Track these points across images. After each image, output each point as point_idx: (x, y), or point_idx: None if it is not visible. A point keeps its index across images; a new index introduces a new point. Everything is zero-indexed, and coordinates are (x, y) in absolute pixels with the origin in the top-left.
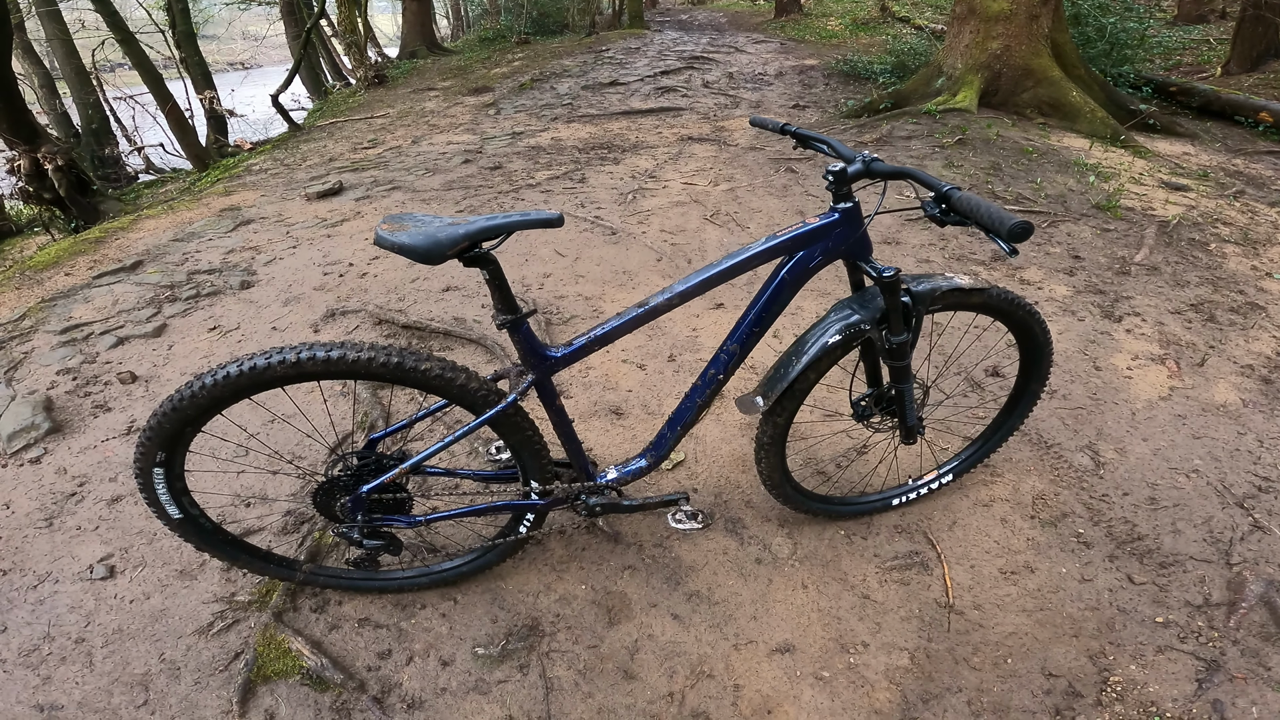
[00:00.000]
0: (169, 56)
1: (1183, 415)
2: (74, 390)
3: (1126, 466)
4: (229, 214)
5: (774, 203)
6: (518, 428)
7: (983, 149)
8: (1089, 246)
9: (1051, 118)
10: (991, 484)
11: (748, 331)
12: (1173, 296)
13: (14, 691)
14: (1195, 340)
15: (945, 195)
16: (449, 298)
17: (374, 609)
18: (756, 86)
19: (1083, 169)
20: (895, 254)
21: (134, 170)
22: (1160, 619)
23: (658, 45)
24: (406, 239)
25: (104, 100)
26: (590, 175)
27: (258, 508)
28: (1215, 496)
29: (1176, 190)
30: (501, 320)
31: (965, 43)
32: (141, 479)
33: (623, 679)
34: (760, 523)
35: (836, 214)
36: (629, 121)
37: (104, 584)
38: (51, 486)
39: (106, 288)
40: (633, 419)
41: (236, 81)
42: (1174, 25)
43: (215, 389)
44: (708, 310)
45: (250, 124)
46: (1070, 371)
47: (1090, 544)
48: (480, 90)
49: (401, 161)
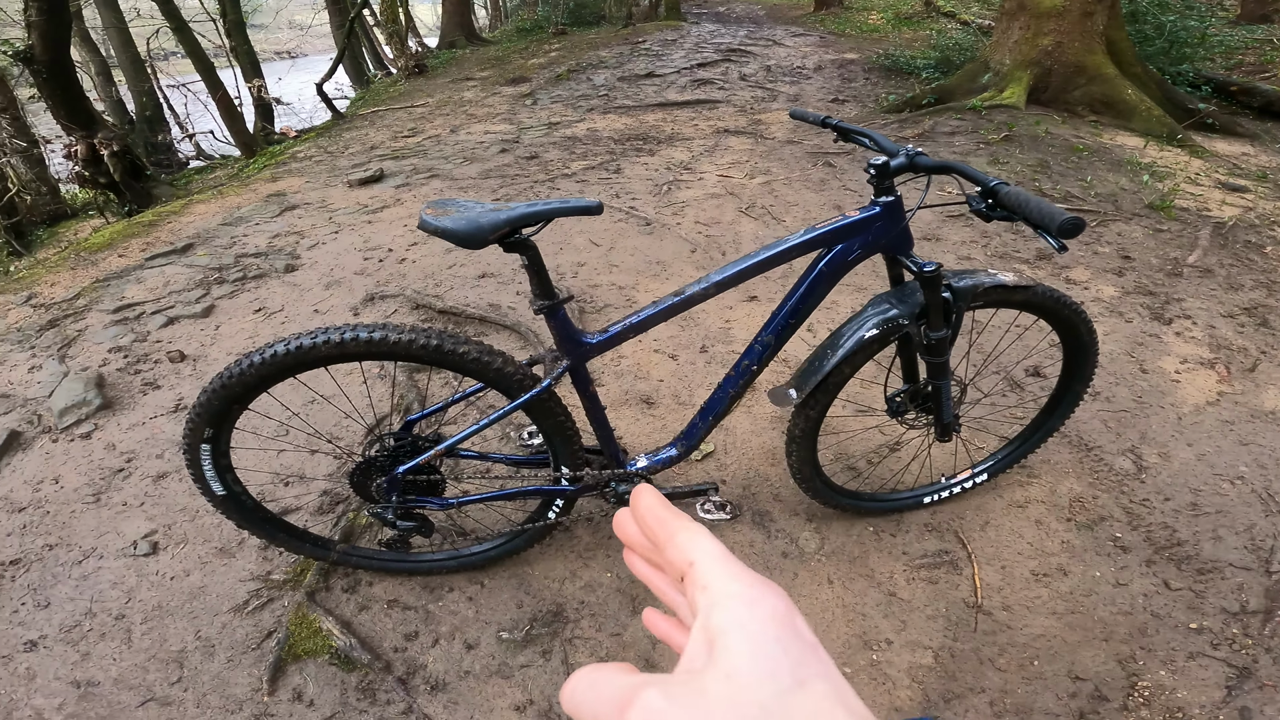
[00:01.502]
0: (219, 45)
1: (1230, 421)
2: (125, 368)
3: (1169, 471)
4: (275, 199)
5: (811, 196)
6: (551, 413)
7: (1030, 146)
8: (1140, 247)
9: (1104, 116)
10: (1027, 485)
11: (783, 323)
12: (1225, 300)
13: (52, 668)
14: (1247, 345)
15: (993, 190)
16: (485, 284)
17: (403, 590)
18: (794, 80)
19: (1136, 168)
20: (935, 250)
21: (185, 156)
22: (1194, 625)
23: (694, 37)
24: (449, 223)
25: (158, 88)
26: (625, 166)
27: (296, 486)
28: (1259, 504)
29: (1234, 191)
30: (539, 306)
31: (1014, 39)
32: (189, 455)
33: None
34: (788, 516)
35: (878, 207)
36: (665, 113)
37: (146, 560)
38: (100, 462)
39: (158, 269)
40: (663, 408)
41: (283, 70)
42: (1236, 24)
43: (263, 367)
44: (741, 302)
45: (295, 112)
46: (1115, 373)
47: (1128, 548)
48: (517, 81)
49: (440, 150)
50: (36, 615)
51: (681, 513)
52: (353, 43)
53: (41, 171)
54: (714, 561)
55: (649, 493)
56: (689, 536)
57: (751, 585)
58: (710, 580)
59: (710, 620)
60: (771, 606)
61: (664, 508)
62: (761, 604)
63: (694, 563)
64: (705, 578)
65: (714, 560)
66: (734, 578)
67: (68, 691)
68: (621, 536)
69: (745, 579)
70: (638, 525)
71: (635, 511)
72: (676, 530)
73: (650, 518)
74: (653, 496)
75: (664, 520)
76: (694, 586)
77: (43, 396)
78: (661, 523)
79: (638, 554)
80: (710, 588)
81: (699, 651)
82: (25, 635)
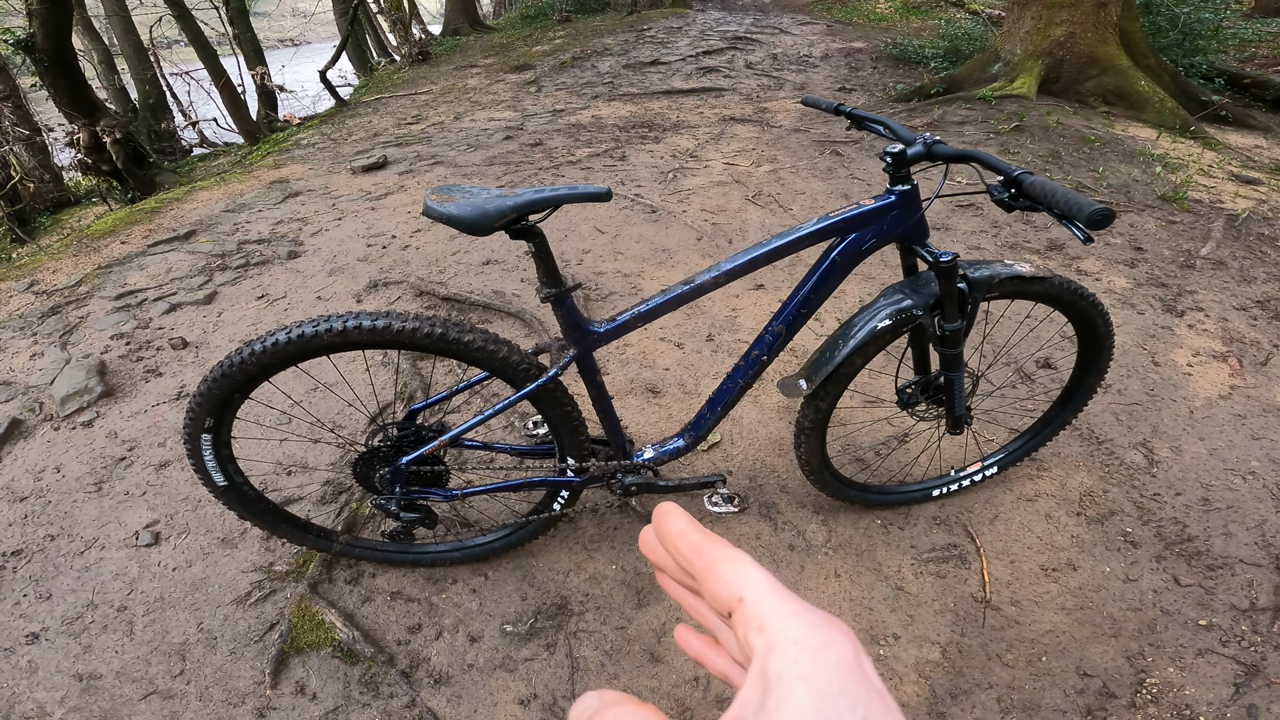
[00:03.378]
0: (222, 33)
1: (1243, 415)
2: (126, 355)
3: (1181, 466)
4: (278, 186)
5: (818, 185)
6: (557, 403)
7: (1041, 136)
8: (1152, 238)
9: (1116, 107)
10: (1037, 479)
11: (794, 313)
12: (1239, 292)
13: (55, 660)
14: (1260, 338)
15: (1016, 180)
16: (489, 271)
17: (406, 582)
18: (801, 68)
19: (1149, 159)
20: (945, 240)
21: (188, 144)
22: (1204, 622)
23: (700, 25)
24: (455, 210)
25: (160, 76)
26: (631, 154)
27: (298, 476)
28: (1270, 500)
29: (1247, 183)
30: (546, 294)
31: (1026, 28)
32: (190, 445)
33: (649, 662)
34: (795, 509)
35: (894, 196)
36: (670, 101)
37: (148, 551)
38: (102, 450)
39: (160, 256)
40: (669, 398)
41: (286, 58)
42: (1251, 17)
43: (264, 356)
44: (748, 291)
45: (299, 99)
46: (1127, 366)
47: (1138, 544)
48: (522, 68)
49: (444, 137)
50: (38, 607)
51: (718, 538)
52: (356, 30)
53: (44, 159)
54: (768, 597)
55: (677, 515)
56: (734, 568)
57: (815, 627)
58: (767, 619)
59: (768, 666)
60: (839, 653)
61: (697, 532)
62: (828, 651)
63: (744, 599)
64: (760, 616)
65: (768, 595)
66: (795, 617)
67: (70, 685)
68: (650, 557)
69: (807, 619)
70: (668, 552)
71: (664, 537)
72: (717, 560)
73: (684, 545)
74: (682, 520)
75: (700, 548)
76: (746, 625)
77: (44, 384)
78: (698, 551)
79: (669, 576)
80: (767, 628)
81: (752, 698)
82: (27, 628)
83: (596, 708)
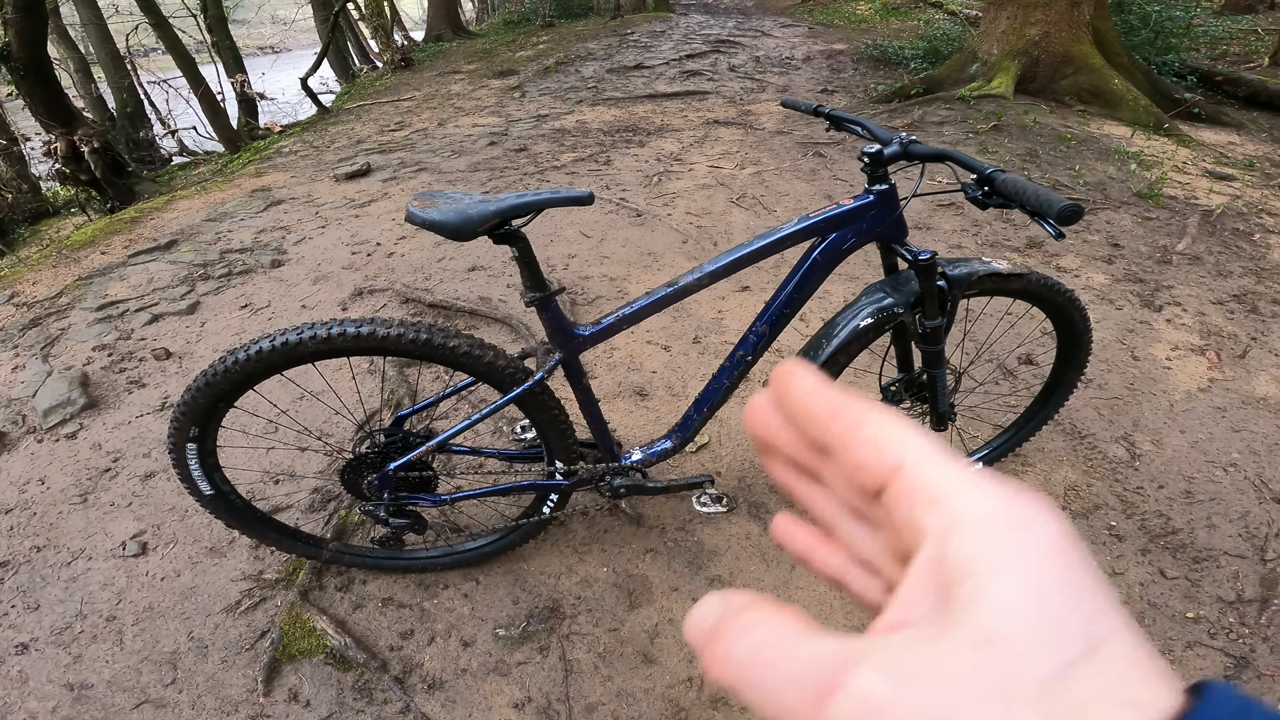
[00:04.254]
0: (200, 41)
1: (1222, 408)
2: (109, 366)
3: (1163, 459)
4: (260, 194)
5: (801, 186)
6: (544, 406)
7: (1019, 135)
8: (1129, 235)
9: (1092, 105)
10: (1022, 474)
11: (778, 313)
12: (1215, 287)
13: (45, 670)
14: (1237, 331)
15: (989, 177)
16: (474, 277)
17: (397, 588)
18: (783, 71)
19: (1124, 157)
20: (927, 239)
21: (168, 153)
22: (1191, 614)
23: (683, 29)
24: (438, 215)
25: (138, 84)
26: (615, 158)
27: (286, 484)
28: (1253, 491)
29: (1221, 179)
30: (530, 298)
31: (1002, 28)
32: (175, 454)
33: (642, 663)
34: (784, 508)
35: (872, 196)
36: (654, 105)
37: (136, 561)
38: (86, 462)
39: (141, 266)
40: (657, 400)
41: (266, 65)
42: (1221, 15)
43: (248, 364)
44: (733, 293)
45: (280, 107)
46: (1107, 361)
47: (1123, 537)
48: (505, 73)
49: (428, 143)
50: (27, 618)
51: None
52: (337, 37)
53: (22, 169)
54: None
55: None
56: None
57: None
58: (942, 491)
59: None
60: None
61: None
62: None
63: (903, 465)
64: (933, 487)
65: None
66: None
67: (61, 694)
68: (758, 432)
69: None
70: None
71: (787, 395)
72: (863, 420)
73: (817, 403)
74: (813, 376)
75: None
76: (910, 500)
77: (27, 396)
78: (834, 413)
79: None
80: (944, 502)
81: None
82: (16, 638)
83: (720, 614)
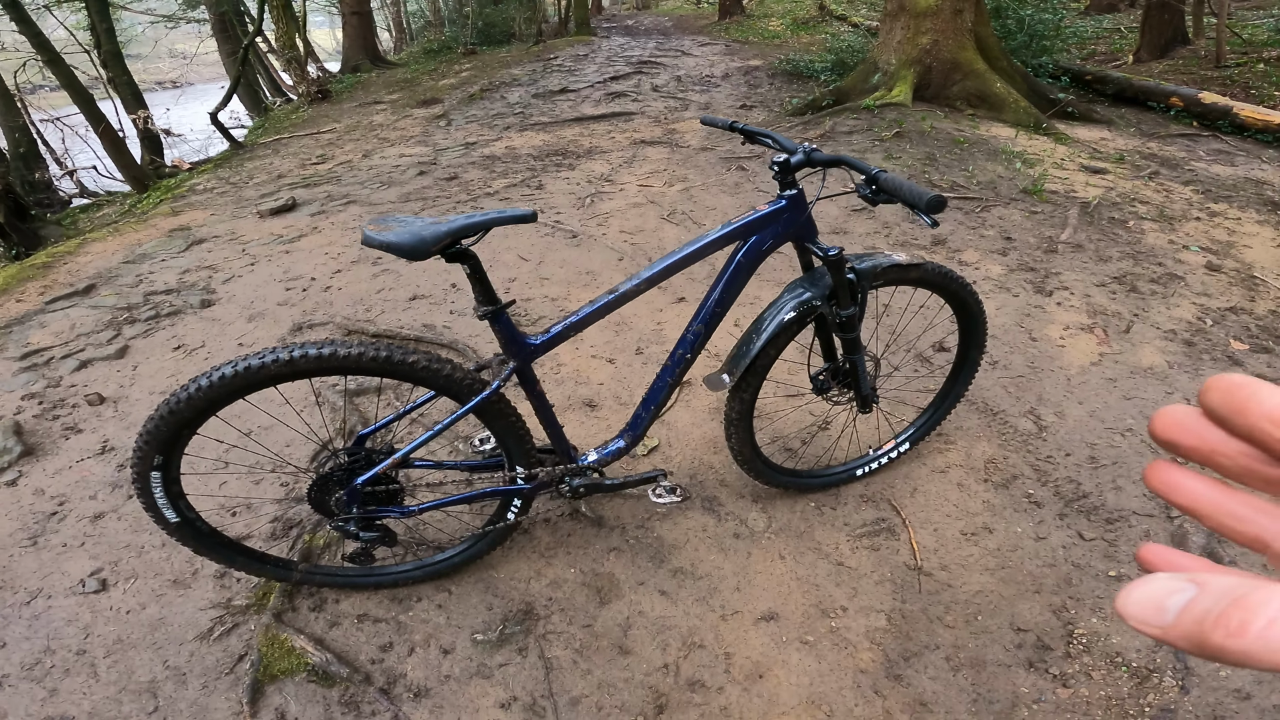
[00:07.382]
0: (94, 77)
1: (1114, 379)
2: (41, 414)
3: (1066, 429)
4: (179, 234)
5: (727, 200)
6: (502, 414)
7: (919, 140)
8: (1019, 228)
9: (979, 109)
10: (946, 451)
11: (710, 312)
12: (1097, 271)
13: (22, 704)
14: (1120, 310)
15: (874, 177)
16: (416, 306)
17: (371, 604)
18: (704, 88)
19: (1010, 156)
20: (843, 241)
21: (66, 194)
22: (1113, 573)
23: (606, 51)
24: (393, 237)
25: (30, 123)
26: (547, 182)
27: (244, 515)
28: (1150, 453)
29: (1096, 173)
30: (483, 311)
31: (898, 39)
32: (139, 484)
33: (619, 654)
34: (735, 499)
35: (784, 200)
36: (582, 128)
37: (98, 597)
38: (31, 507)
39: (61, 312)
40: (606, 409)
41: (170, 100)
42: (1086, 15)
43: (211, 390)
44: (670, 304)
45: (189, 143)
46: (1009, 343)
47: (1041, 503)
48: (429, 102)
49: (354, 176)
50: None
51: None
52: (247, 70)
53: None
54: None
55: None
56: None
57: None
58: None
59: None
60: None
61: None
62: None
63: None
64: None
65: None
66: None
67: None
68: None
69: None
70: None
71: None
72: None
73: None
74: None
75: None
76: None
77: None
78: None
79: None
80: None
81: None
82: None
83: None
